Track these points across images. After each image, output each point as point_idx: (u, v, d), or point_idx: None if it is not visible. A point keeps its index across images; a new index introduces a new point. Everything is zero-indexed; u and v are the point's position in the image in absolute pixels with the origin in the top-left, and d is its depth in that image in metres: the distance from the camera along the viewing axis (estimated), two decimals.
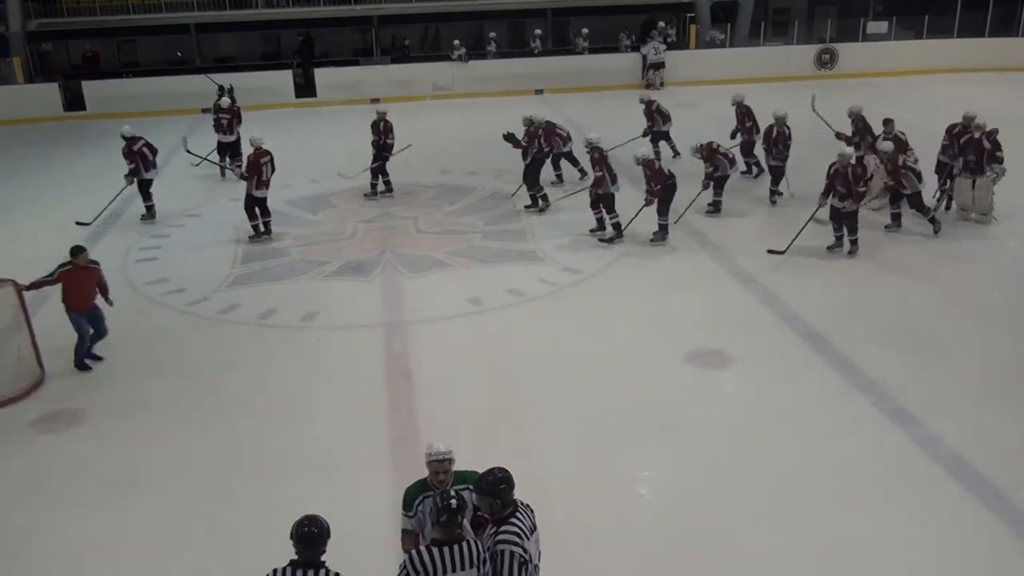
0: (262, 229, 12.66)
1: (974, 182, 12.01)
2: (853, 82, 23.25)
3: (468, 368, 8.76)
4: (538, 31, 25.14)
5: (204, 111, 21.97)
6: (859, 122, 13.65)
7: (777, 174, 13.49)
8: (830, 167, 11.07)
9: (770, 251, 11.20)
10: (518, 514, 4.40)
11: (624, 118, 19.77)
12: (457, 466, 4.81)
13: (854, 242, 11.14)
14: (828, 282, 10.52)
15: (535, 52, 24.88)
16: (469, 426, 7.50)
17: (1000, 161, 11.91)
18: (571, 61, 24.34)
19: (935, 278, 10.57)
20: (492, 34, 25.16)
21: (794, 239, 11.22)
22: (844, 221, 11.09)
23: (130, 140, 13.36)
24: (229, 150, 16.13)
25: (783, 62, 24.31)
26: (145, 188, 13.55)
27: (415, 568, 4.20)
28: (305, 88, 23.56)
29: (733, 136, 14.59)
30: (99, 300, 8.97)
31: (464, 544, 4.25)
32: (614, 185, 11.93)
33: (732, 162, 13.00)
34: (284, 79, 23.14)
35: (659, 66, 23.62)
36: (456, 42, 24.15)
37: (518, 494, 4.50)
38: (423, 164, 15.86)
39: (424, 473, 4.83)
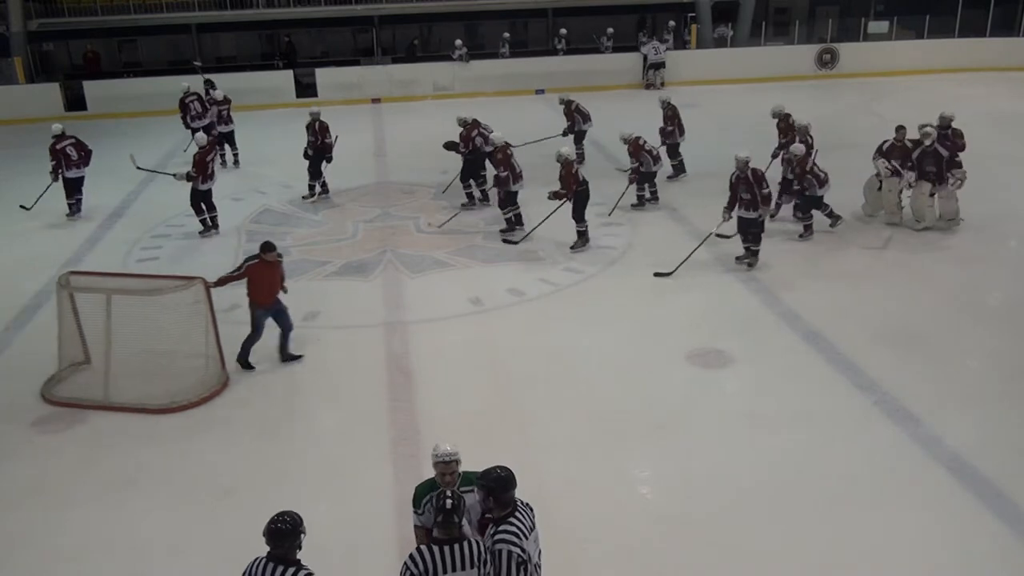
0: (210, 224, 12.93)
1: (932, 192, 11.69)
2: (854, 82, 23.26)
3: (469, 368, 8.76)
4: (563, 30, 25.02)
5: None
6: (782, 122, 13.52)
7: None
8: (731, 176, 10.71)
9: (657, 274, 10.72)
10: (518, 513, 4.41)
11: (624, 118, 19.78)
12: (460, 466, 4.81)
13: (755, 253, 10.82)
14: (829, 282, 10.52)
15: (561, 52, 24.80)
16: (469, 426, 7.50)
17: (960, 166, 11.65)
18: (571, 61, 24.31)
19: (936, 278, 10.56)
20: (506, 35, 25.03)
21: (685, 260, 10.83)
22: (749, 231, 10.75)
23: (56, 138, 13.70)
24: (227, 139, 16.73)
25: (784, 62, 24.27)
26: (70, 186, 13.81)
27: (416, 567, 4.21)
28: (294, 90, 23.41)
29: (664, 137, 14.82)
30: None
31: (464, 543, 4.26)
32: (516, 184, 12.06)
33: (656, 159, 13.24)
34: (285, 79, 23.12)
35: (659, 66, 23.59)
36: (458, 42, 24.12)
37: (518, 493, 4.51)
38: (423, 164, 15.86)
39: (431, 472, 4.83)
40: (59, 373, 8.62)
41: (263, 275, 8.51)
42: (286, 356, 8.90)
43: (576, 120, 16.03)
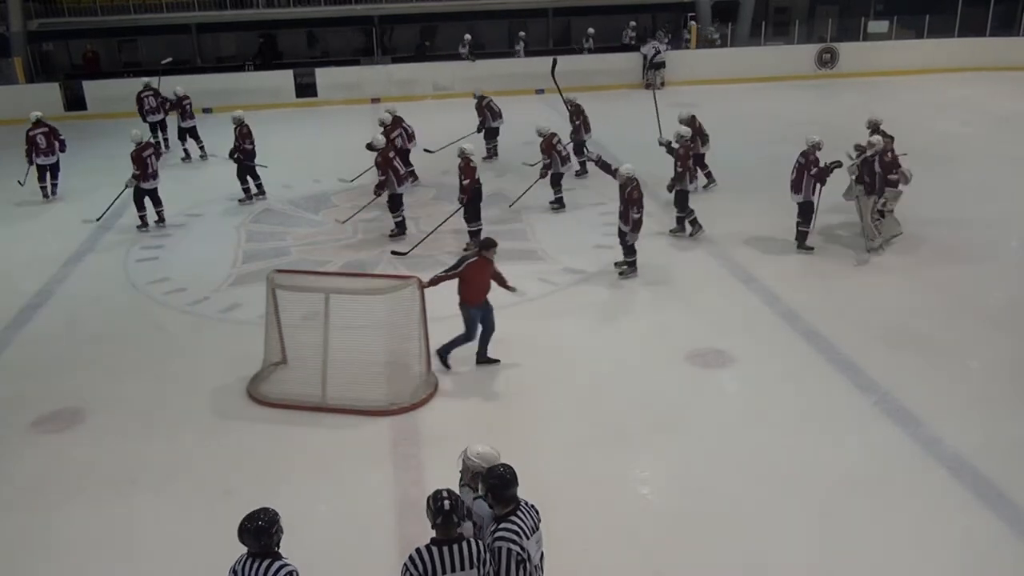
0: (156, 218, 13.26)
1: (858, 199, 11.39)
2: (854, 81, 23.26)
3: (468, 368, 8.75)
4: (591, 30, 24.97)
5: (205, 111, 21.99)
6: (680, 141, 13.46)
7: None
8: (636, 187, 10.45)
9: (394, 252, 11.32)
10: (519, 512, 4.41)
11: (624, 118, 19.79)
12: (455, 466, 4.81)
13: (631, 264, 10.76)
14: (829, 282, 10.52)
15: (588, 50, 24.76)
16: (469, 426, 7.51)
17: (895, 184, 11.23)
18: (571, 61, 24.28)
19: (936, 278, 10.56)
20: (522, 33, 24.98)
21: (421, 241, 11.46)
22: (622, 241, 10.66)
23: (32, 124, 14.73)
24: (190, 134, 17.33)
25: (784, 61, 24.28)
26: (40, 172, 14.19)
27: (416, 568, 4.21)
28: (293, 90, 23.41)
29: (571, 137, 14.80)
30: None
31: (464, 544, 4.26)
32: (401, 186, 12.34)
33: (565, 160, 13.38)
34: (285, 79, 23.12)
35: (659, 66, 23.60)
36: (467, 36, 24.13)
37: (519, 493, 4.50)
38: (423, 164, 15.84)
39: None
40: (262, 372, 8.49)
41: (479, 274, 8.27)
42: (483, 359, 8.64)
43: (487, 117, 16.16)
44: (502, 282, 8.49)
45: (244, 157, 14.30)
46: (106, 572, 6.14)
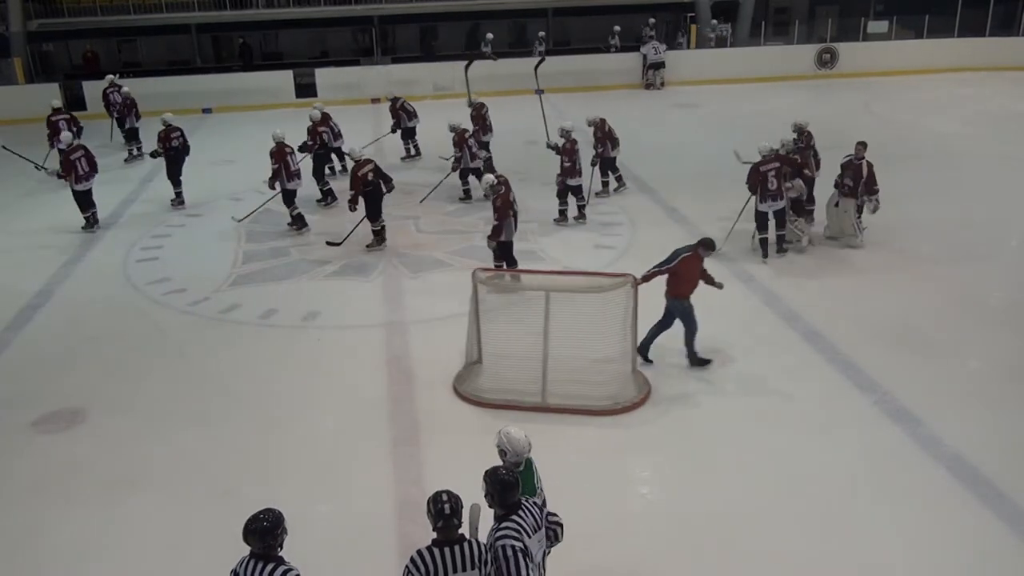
0: (93, 220, 13.27)
1: (837, 203, 11.40)
2: (854, 82, 23.25)
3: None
4: (617, 27, 24.92)
5: (205, 111, 22.01)
6: (598, 131, 13.64)
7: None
8: (508, 193, 10.30)
9: (329, 243, 11.56)
10: (520, 512, 4.41)
11: (624, 118, 19.79)
12: (458, 466, 4.82)
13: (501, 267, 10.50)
14: (828, 282, 10.52)
15: (615, 48, 24.73)
16: (469, 426, 7.51)
17: (875, 193, 11.16)
18: (571, 61, 24.30)
19: (936, 277, 10.56)
20: (541, 33, 24.90)
21: (349, 233, 11.77)
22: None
23: (53, 111, 15.34)
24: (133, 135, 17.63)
25: (784, 62, 24.28)
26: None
27: (418, 570, 4.21)
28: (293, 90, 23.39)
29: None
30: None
31: (465, 544, 4.27)
32: (291, 182, 12.56)
33: (475, 156, 13.69)
34: (285, 79, 23.11)
35: (659, 66, 23.60)
36: (489, 35, 24.17)
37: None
38: (423, 164, 15.86)
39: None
40: (466, 371, 8.41)
41: (691, 269, 8.31)
42: (696, 360, 8.54)
43: (401, 118, 16.41)
44: (709, 279, 8.50)
45: (170, 161, 14.34)
46: (106, 572, 6.14)
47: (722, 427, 7.55)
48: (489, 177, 10.37)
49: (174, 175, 14.40)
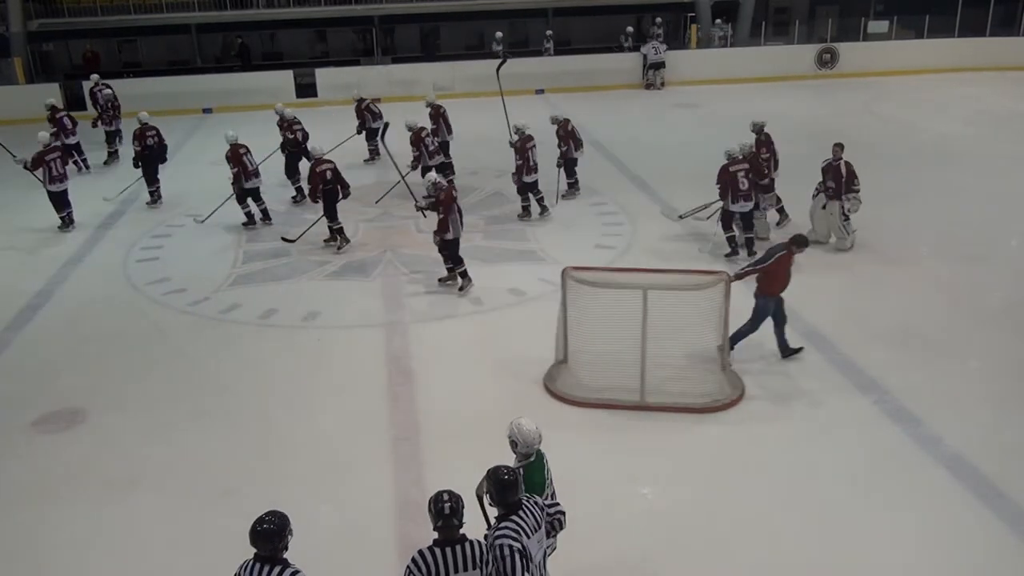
0: (69, 220, 13.36)
1: (824, 206, 11.38)
2: (854, 82, 23.24)
3: (469, 368, 8.76)
4: (630, 28, 24.88)
5: (205, 111, 22.01)
6: (561, 130, 13.71)
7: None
8: (451, 191, 10.44)
9: (283, 239, 11.55)
10: (520, 512, 4.41)
11: (624, 118, 19.81)
12: (457, 467, 4.82)
13: (461, 273, 10.56)
14: (829, 282, 10.51)
15: (627, 48, 24.69)
16: (469, 426, 7.51)
17: (855, 191, 11.19)
18: (572, 61, 24.30)
19: (936, 278, 10.56)
20: (549, 32, 24.88)
21: (304, 232, 12.02)
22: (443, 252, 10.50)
23: (52, 109, 15.69)
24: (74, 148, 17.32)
25: (784, 62, 24.26)
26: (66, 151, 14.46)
27: (419, 569, 4.22)
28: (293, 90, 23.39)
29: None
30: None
31: (466, 544, 4.27)
32: (249, 181, 12.86)
33: (434, 154, 13.84)
34: (285, 79, 23.11)
35: (659, 66, 23.59)
36: (499, 34, 24.16)
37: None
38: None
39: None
40: (556, 370, 8.39)
41: (785, 267, 8.34)
42: (787, 351, 8.60)
43: (366, 118, 16.51)
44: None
45: (142, 161, 14.43)
46: (106, 572, 6.14)
47: (722, 427, 7.55)
48: (432, 175, 10.48)
49: (149, 174, 14.53)
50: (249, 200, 13.15)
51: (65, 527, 6.56)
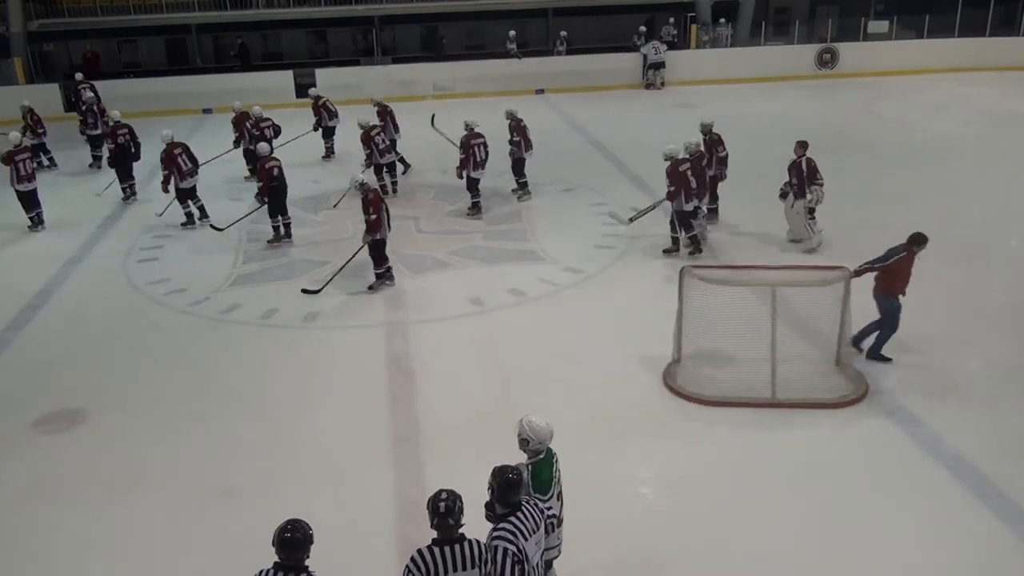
0: (38, 220, 13.50)
1: (792, 205, 11.40)
2: (854, 82, 23.26)
3: (469, 368, 8.76)
4: (643, 27, 24.91)
5: (205, 111, 22.01)
6: (513, 124, 13.83)
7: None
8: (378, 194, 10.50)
9: (304, 291, 10.60)
10: (519, 514, 4.42)
11: (625, 118, 19.81)
12: (458, 467, 4.82)
13: (381, 273, 10.68)
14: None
15: (639, 49, 24.73)
16: (470, 426, 7.51)
17: (818, 184, 11.14)
18: (572, 61, 24.32)
19: (937, 277, 10.53)
20: (563, 33, 24.89)
21: (236, 221, 12.13)
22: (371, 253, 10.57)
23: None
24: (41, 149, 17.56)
25: (784, 62, 24.28)
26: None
27: (418, 569, 4.22)
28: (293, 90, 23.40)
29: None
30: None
31: (465, 544, 4.27)
32: (184, 181, 13.06)
33: (384, 153, 14.16)
34: (285, 80, 23.11)
35: (659, 66, 23.61)
36: (512, 33, 24.19)
37: None
38: (424, 165, 15.86)
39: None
40: (676, 368, 8.37)
41: (906, 267, 8.28)
42: (877, 354, 8.54)
43: (323, 116, 16.78)
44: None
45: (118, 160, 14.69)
46: (106, 572, 6.14)
47: (722, 427, 7.54)
48: (358, 176, 10.58)
49: (122, 172, 14.71)
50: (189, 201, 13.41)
51: (65, 527, 6.56)
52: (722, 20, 25.62)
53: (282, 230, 12.43)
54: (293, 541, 4.20)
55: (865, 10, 27.20)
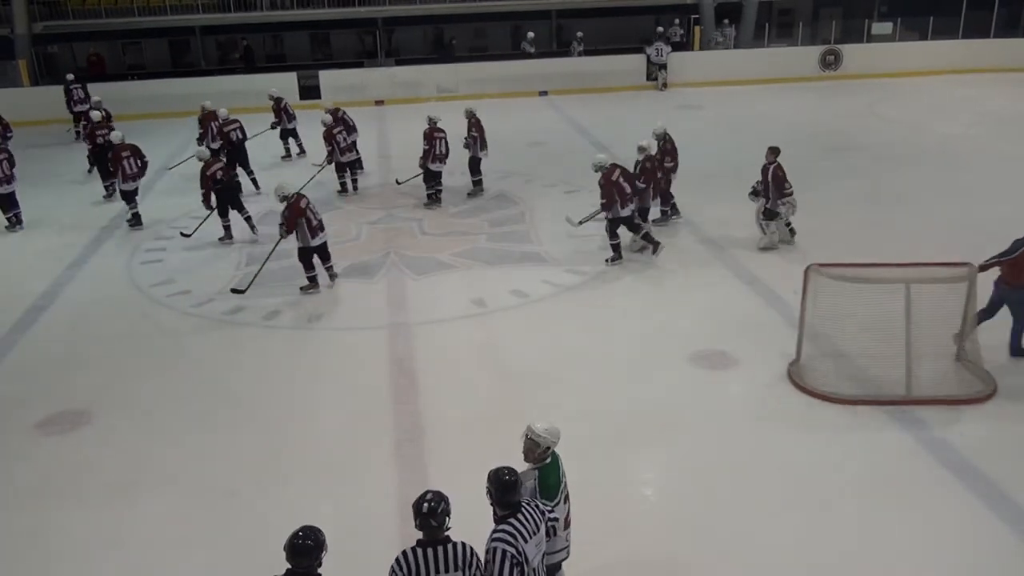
0: (16, 221, 13.68)
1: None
2: (858, 83, 23.25)
3: (472, 369, 8.77)
4: (660, 28, 24.94)
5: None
6: (471, 121, 14.28)
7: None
8: (298, 201, 10.57)
9: (233, 290, 10.76)
10: (519, 515, 4.41)
11: (627, 120, 19.80)
12: (461, 468, 4.81)
13: (311, 278, 10.76)
14: (831, 283, 10.46)
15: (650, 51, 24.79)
16: (473, 427, 7.52)
17: (785, 196, 11.24)
18: (575, 62, 24.35)
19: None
20: (580, 33, 24.93)
21: (198, 226, 11.96)
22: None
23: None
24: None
25: (787, 63, 24.28)
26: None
27: (401, 569, 4.23)
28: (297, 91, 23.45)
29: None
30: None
31: (449, 546, 4.26)
32: (126, 183, 13.31)
33: (344, 151, 14.60)
34: (288, 81, 23.15)
35: (661, 67, 23.64)
36: (530, 34, 24.26)
37: None
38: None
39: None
40: (797, 368, 8.31)
41: None
42: (1018, 350, 8.45)
43: (282, 119, 17.10)
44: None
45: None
46: (111, 573, 6.15)
47: (723, 427, 7.54)
48: (282, 187, 10.72)
49: (103, 172, 14.98)
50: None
51: (69, 528, 6.57)
52: (725, 21, 25.63)
53: (233, 231, 12.74)
54: (304, 548, 4.15)
55: (869, 12, 27.22)
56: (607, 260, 11.26)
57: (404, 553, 4.27)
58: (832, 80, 23.87)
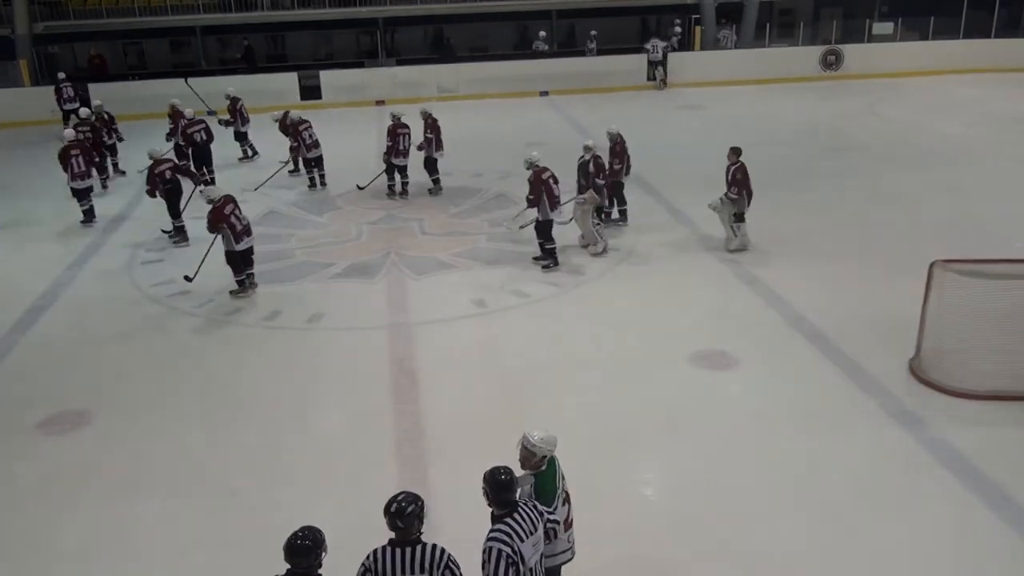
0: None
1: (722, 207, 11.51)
2: (858, 83, 23.24)
3: (473, 369, 8.77)
4: (678, 28, 25.01)
5: (210, 113, 22.03)
6: (427, 121, 14.47)
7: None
8: (223, 206, 10.57)
9: (186, 277, 10.97)
10: (516, 515, 4.41)
11: (628, 120, 19.79)
12: (460, 468, 4.81)
13: (241, 280, 10.79)
14: (833, 283, 10.49)
15: (673, 49, 24.84)
16: (473, 427, 7.52)
17: (745, 195, 11.28)
18: (575, 62, 24.35)
19: (942, 279, 10.50)
20: (593, 32, 24.94)
21: (200, 265, 11.08)
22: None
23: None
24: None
25: (788, 63, 24.28)
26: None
27: (369, 568, 4.25)
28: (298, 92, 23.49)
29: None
30: None
31: (419, 547, 4.26)
32: (74, 182, 13.45)
33: (311, 147, 14.88)
34: (289, 81, 23.16)
35: (658, 65, 23.66)
36: (542, 34, 24.27)
37: None
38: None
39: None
40: (919, 363, 8.29)
41: None
42: None
43: (238, 121, 17.31)
44: None
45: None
46: (110, 573, 6.15)
47: (724, 427, 7.54)
48: (209, 191, 10.85)
49: (96, 167, 14.96)
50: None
51: (70, 529, 6.57)
52: (723, 20, 25.61)
53: (186, 229, 12.81)
54: (302, 548, 4.14)
55: (870, 12, 27.20)
56: (542, 266, 11.16)
57: (375, 551, 4.29)
58: (833, 80, 23.87)
